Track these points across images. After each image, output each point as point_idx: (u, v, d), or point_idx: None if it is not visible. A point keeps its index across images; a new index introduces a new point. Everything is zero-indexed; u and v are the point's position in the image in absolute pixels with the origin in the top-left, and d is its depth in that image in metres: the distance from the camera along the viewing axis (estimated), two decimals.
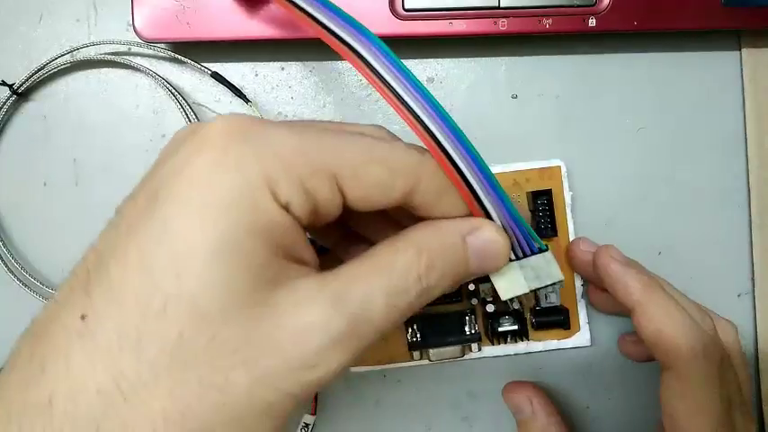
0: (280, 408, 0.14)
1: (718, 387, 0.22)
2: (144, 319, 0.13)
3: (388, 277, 0.15)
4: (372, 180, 0.15)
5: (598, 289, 0.28)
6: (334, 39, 0.17)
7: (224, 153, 0.14)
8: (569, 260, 0.28)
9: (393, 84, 0.17)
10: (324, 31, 0.18)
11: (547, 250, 0.20)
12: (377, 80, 0.17)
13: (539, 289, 0.20)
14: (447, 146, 0.16)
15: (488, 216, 0.17)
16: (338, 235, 0.21)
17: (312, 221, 0.15)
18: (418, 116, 0.16)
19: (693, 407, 0.22)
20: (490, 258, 0.18)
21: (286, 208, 0.14)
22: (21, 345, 0.14)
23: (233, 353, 0.13)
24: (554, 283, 0.20)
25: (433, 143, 0.16)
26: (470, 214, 0.17)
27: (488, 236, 0.17)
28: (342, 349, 0.14)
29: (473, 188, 0.17)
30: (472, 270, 0.17)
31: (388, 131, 0.19)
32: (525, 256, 0.19)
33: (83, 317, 0.13)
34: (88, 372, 0.13)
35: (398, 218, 0.19)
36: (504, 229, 0.18)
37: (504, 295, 0.19)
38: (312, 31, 0.18)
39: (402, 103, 0.16)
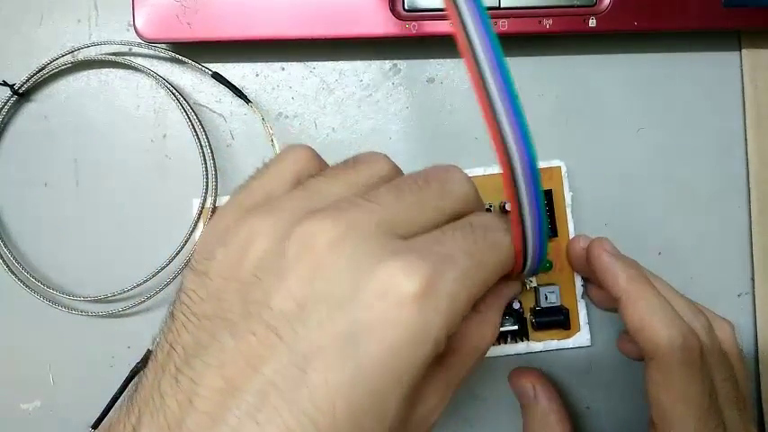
0: None
1: (699, 377, 0.23)
2: None
3: (476, 356, 0.19)
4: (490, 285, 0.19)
5: (597, 285, 0.28)
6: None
7: (423, 326, 0.16)
8: (568, 258, 0.28)
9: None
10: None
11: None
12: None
13: None
14: (528, 224, 0.18)
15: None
16: None
17: None
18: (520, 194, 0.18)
19: (675, 395, 0.23)
20: None
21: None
22: None
23: None
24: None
25: (519, 223, 0.18)
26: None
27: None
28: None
29: (527, 250, 0.19)
30: None
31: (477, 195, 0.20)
32: None
33: None
34: None
35: None
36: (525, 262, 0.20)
37: None
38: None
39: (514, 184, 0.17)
